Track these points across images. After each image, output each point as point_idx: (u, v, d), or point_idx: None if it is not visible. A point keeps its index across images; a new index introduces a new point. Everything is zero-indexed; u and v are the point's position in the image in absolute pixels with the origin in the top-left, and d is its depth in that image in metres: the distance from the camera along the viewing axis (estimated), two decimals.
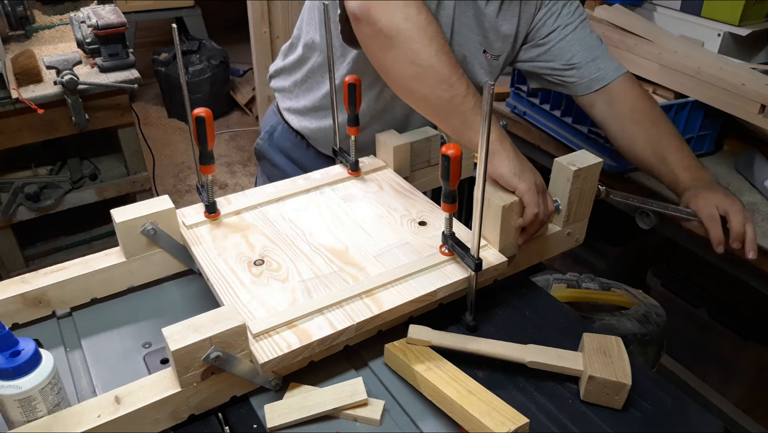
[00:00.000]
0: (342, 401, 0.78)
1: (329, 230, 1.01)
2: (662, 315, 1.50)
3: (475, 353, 0.87)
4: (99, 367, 0.88)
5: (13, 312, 0.92)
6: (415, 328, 0.90)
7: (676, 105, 1.44)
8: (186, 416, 0.78)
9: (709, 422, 0.80)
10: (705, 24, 1.64)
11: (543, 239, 1.02)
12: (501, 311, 0.96)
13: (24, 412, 0.72)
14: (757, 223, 1.28)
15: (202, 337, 0.72)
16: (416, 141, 1.15)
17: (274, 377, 0.81)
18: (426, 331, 0.89)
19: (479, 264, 0.85)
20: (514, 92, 1.75)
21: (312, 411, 0.78)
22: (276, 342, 0.78)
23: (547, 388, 0.83)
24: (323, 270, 0.91)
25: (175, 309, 0.98)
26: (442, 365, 0.82)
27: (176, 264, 1.02)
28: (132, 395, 0.74)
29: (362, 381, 0.81)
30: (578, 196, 1.00)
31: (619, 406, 0.80)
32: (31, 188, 2.10)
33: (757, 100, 1.31)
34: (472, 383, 0.80)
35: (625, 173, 1.46)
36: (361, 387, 0.80)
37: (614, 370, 0.79)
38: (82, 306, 0.98)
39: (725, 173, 1.47)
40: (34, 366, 0.73)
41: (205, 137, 0.94)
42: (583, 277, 1.63)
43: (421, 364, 0.82)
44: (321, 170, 1.17)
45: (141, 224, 0.95)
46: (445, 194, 0.86)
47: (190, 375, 0.74)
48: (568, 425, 0.78)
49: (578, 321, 0.96)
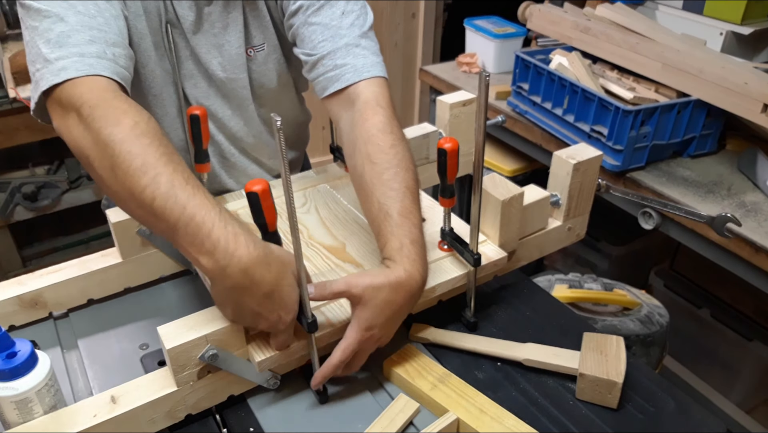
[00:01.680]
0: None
1: (326, 228, 1.00)
2: (665, 316, 1.50)
3: (473, 350, 0.86)
4: (96, 368, 0.87)
5: (10, 314, 0.91)
6: (415, 326, 0.90)
7: (679, 104, 1.43)
8: (183, 415, 0.77)
9: (711, 423, 0.79)
10: (707, 23, 1.64)
11: (544, 235, 1.01)
12: (502, 311, 0.95)
13: (20, 413, 0.72)
14: (760, 223, 1.27)
15: (197, 335, 0.71)
16: (414, 138, 1.14)
17: (271, 376, 0.80)
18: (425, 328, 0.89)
19: (478, 259, 0.84)
20: (516, 91, 1.74)
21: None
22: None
23: (548, 388, 0.82)
24: (321, 267, 0.91)
25: (172, 310, 0.97)
26: (447, 380, 0.80)
27: (172, 264, 1.01)
28: (128, 395, 0.74)
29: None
30: (578, 190, 0.99)
31: (613, 405, 0.79)
32: (29, 188, 2.10)
33: (760, 99, 1.30)
34: (481, 399, 0.77)
35: (627, 172, 1.46)
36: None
37: (606, 368, 0.78)
38: (78, 307, 0.97)
39: (727, 173, 1.46)
40: (31, 368, 0.72)
41: (200, 136, 0.94)
42: (586, 277, 1.62)
43: (425, 380, 0.80)
44: (318, 168, 1.17)
45: (136, 224, 0.94)
46: (443, 189, 0.85)
47: (186, 374, 0.73)
48: (569, 426, 0.77)
49: (580, 322, 0.95)
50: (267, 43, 1.02)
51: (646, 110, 1.40)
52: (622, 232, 2.03)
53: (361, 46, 0.92)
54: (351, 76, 0.91)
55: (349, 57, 0.91)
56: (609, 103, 1.43)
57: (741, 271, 1.29)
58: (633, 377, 0.82)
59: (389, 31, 2.86)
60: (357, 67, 0.91)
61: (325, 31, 0.93)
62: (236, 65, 1.00)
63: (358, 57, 0.91)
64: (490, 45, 2.04)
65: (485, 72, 0.69)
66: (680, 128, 1.46)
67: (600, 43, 1.62)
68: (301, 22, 0.94)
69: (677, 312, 1.82)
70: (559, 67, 1.62)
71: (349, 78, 0.91)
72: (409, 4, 2.85)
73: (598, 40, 1.63)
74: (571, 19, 1.69)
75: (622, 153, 1.42)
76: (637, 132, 1.41)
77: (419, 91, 3.09)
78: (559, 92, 1.58)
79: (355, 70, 0.91)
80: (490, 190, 0.90)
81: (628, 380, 0.79)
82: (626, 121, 1.39)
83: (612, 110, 1.42)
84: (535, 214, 0.97)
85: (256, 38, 1.01)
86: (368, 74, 0.91)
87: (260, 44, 1.02)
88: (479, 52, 2.10)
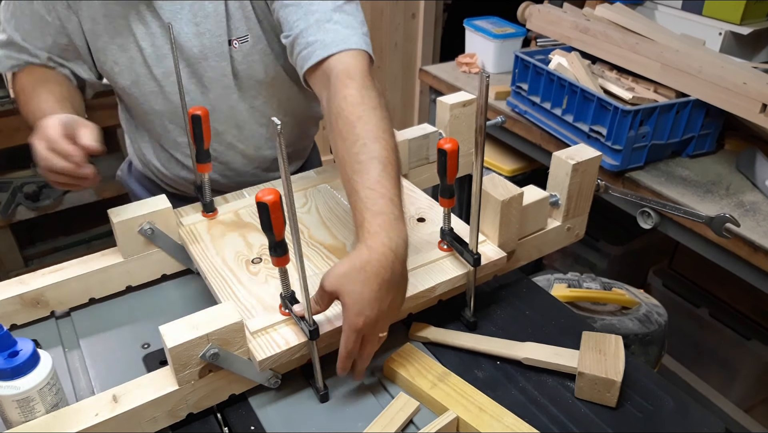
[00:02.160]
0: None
1: (327, 228, 1.00)
2: (663, 315, 1.50)
3: (473, 349, 0.87)
4: (97, 367, 0.88)
5: (12, 313, 0.91)
6: (414, 325, 0.90)
7: (678, 104, 1.44)
8: (184, 414, 0.77)
9: (710, 422, 0.79)
10: (706, 23, 1.64)
11: (543, 235, 1.02)
12: (501, 311, 0.96)
13: (22, 412, 0.72)
14: (758, 223, 1.27)
15: (199, 334, 0.72)
16: (414, 138, 1.15)
17: (272, 375, 0.80)
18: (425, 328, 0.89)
19: (478, 259, 0.85)
20: (515, 91, 1.74)
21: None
22: (274, 339, 0.77)
23: (547, 387, 0.83)
24: (321, 267, 0.91)
25: (174, 309, 0.97)
26: (447, 379, 0.80)
27: (174, 264, 1.01)
28: (130, 394, 0.74)
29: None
30: (577, 190, 1.00)
31: (612, 403, 0.79)
32: (30, 188, 2.10)
33: (759, 99, 1.30)
34: (480, 398, 0.78)
35: (626, 172, 1.46)
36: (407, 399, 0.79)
37: (605, 367, 0.79)
38: (80, 306, 0.97)
39: (726, 172, 1.47)
40: (33, 367, 0.73)
41: (201, 136, 0.94)
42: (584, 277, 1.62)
43: (425, 379, 0.80)
44: (318, 168, 1.17)
45: (138, 223, 0.94)
46: (443, 189, 0.85)
47: (188, 373, 0.74)
48: (568, 425, 0.77)
49: (579, 321, 0.95)
50: (251, 35, 1.01)
51: (645, 110, 1.40)
52: (620, 231, 2.04)
53: (333, 20, 0.90)
54: (320, 52, 0.88)
55: (319, 33, 0.89)
56: (608, 103, 1.43)
57: (740, 270, 1.30)
58: (632, 376, 0.82)
59: (389, 31, 2.86)
60: (326, 42, 0.88)
61: (298, 11, 0.91)
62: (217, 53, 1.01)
63: (328, 32, 0.89)
64: (490, 45, 2.04)
65: (485, 73, 0.69)
66: (679, 128, 1.47)
67: (599, 44, 1.63)
68: (279, 5, 0.94)
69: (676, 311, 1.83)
70: (558, 68, 1.62)
71: (319, 54, 0.88)
72: (409, 4, 2.85)
73: (597, 40, 1.63)
74: (570, 19, 1.70)
75: (620, 153, 1.42)
76: (635, 132, 1.41)
77: (419, 91, 3.09)
78: (559, 92, 1.58)
79: (324, 46, 0.88)
80: (489, 190, 0.90)
81: (626, 379, 0.79)
82: (625, 121, 1.40)
83: (611, 110, 1.42)
84: (535, 214, 0.98)
85: (239, 30, 1.01)
86: (337, 48, 0.88)
87: (244, 36, 1.01)
88: (479, 53, 2.10)
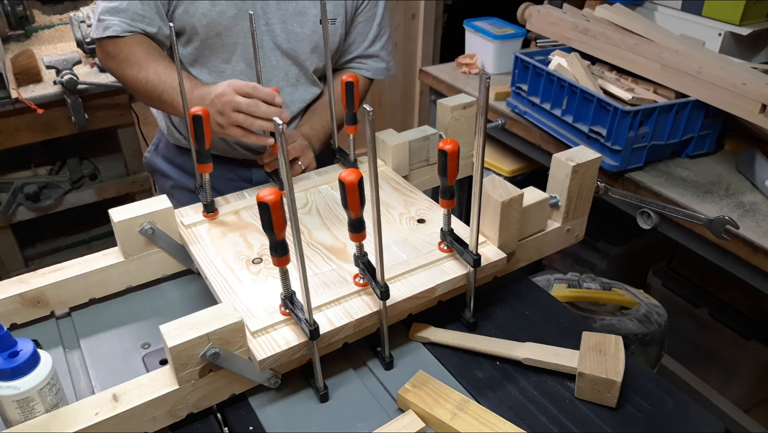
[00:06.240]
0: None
1: (327, 229, 1.00)
2: (663, 315, 1.50)
3: (473, 349, 0.87)
4: (98, 367, 0.88)
5: (12, 312, 0.91)
6: (415, 325, 0.90)
7: (677, 105, 1.44)
8: (184, 414, 0.78)
9: (709, 422, 0.79)
10: (706, 23, 1.64)
11: (543, 236, 1.02)
12: (501, 311, 0.96)
13: (22, 412, 0.72)
14: (758, 223, 1.27)
15: (199, 334, 0.72)
16: (414, 140, 1.15)
17: (272, 375, 0.80)
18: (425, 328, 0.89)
19: (478, 260, 0.85)
20: (515, 92, 1.74)
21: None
22: (274, 339, 0.78)
23: (547, 387, 0.83)
24: (322, 268, 0.91)
25: (174, 309, 0.98)
26: (467, 407, 0.77)
27: (175, 264, 1.01)
28: (129, 393, 0.74)
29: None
30: (577, 192, 1.00)
31: (612, 404, 0.79)
32: (31, 188, 2.10)
33: (758, 99, 1.30)
34: (504, 425, 0.75)
35: (625, 172, 1.46)
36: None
37: (605, 367, 0.79)
38: (80, 306, 0.97)
39: (726, 173, 1.47)
40: (33, 367, 0.73)
41: (202, 136, 0.94)
42: (584, 277, 1.62)
43: (443, 409, 0.77)
44: (319, 169, 1.17)
45: (139, 223, 0.95)
46: (443, 190, 0.85)
47: (188, 372, 0.74)
48: (568, 425, 0.78)
49: (579, 321, 0.96)
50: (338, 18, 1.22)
51: (645, 111, 1.40)
52: (620, 231, 2.04)
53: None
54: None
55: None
56: (608, 103, 1.43)
57: (739, 270, 1.30)
58: (631, 376, 0.83)
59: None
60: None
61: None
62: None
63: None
64: (490, 46, 2.04)
65: (485, 74, 0.69)
66: (678, 129, 1.47)
67: (599, 44, 1.63)
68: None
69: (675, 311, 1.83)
70: (558, 68, 1.62)
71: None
72: (409, 4, 2.85)
73: (596, 41, 1.63)
74: (570, 20, 1.70)
75: (620, 153, 1.42)
76: (635, 132, 1.41)
77: (419, 91, 3.09)
78: (558, 93, 1.58)
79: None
80: (489, 191, 0.90)
81: (626, 379, 0.79)
82: (625, 121, 1.40)
83: (611, 111, 1.43)
84: (535, 215, 0.98)
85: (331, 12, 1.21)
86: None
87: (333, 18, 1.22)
88: (479, 53, 2.10)
